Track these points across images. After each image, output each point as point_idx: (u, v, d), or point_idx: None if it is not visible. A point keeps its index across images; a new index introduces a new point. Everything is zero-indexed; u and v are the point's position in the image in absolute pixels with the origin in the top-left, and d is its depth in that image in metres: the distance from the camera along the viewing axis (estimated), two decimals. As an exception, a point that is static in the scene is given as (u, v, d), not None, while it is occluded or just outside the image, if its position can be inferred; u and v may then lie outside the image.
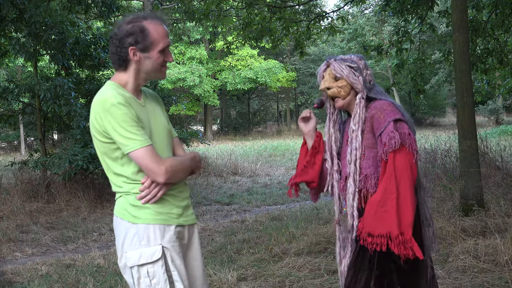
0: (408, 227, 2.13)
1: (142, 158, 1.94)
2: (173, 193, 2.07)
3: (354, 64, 2.38)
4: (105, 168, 2.08)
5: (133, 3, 21.39)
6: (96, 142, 2.04)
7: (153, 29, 2.02)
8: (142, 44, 2.00)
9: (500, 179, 7.05)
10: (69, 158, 7.89)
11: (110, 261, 5.04)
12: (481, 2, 8.94)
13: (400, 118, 2.24)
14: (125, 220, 2.02)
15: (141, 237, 1.98)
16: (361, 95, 2.35)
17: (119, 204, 2.06)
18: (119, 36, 2.02)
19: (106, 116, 1.93)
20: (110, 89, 2.00)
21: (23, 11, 8.21)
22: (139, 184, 2.00)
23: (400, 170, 2.16)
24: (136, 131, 1.94)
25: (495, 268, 4.03)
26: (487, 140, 8.49)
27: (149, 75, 2.08)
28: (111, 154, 2.01)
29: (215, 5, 8.85)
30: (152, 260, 1.97)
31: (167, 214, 2.04)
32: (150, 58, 2.03)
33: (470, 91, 5.73)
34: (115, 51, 2.04)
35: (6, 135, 27.44)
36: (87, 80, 9.48)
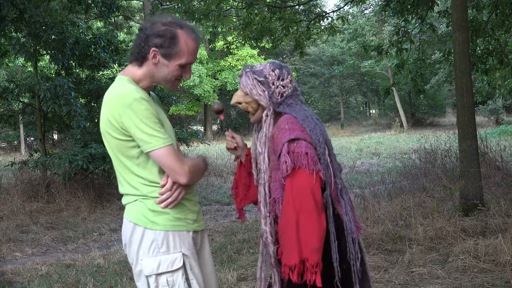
0: (313, 252, 2.00)
1: (165, 157, 1.83)
2: (188, 197, 1.98)
3: (262, 77, 2.21)
4: (119, 168, 1.95)
5: (133, 3, 21.38)
6: (110, 139, 1.91)
7: (184, 41, 1.93)
8: (166, 50, 1.91)
9: (500, 179, 7.05)
10: (69, 158, 7.89)
11: (110, 261, 5.04)
12: (481, 2, 8.94)
13: (297, 137, 2.07)
14: (141, 226, 1.89)
15: (160, 244, 1.87)
16: (266, 111, 2.20)
17: (134, 208, 1.93)
18: (148, 32, 1.93)
19: (126, 111, 1.81)
20: (128, 84, 1.90)
21: (23, 11, 8.21)
22: (158, 187, 1.89)
23: (298, 195, 2.02)
24: (159, 128, 1.84)
25: (495, 268, 4.03)
26: (487, 140, 8.49)
27: (160, 81, 1.99)
28: (127, 152, 1.89)
29: (215, 5, 8.86)
30: (173, 269, 1.87)
31: (185, 220, 1.95)
32: (168, 67, 1.94)
33: (470, 91, 5.73)
34: (138, 44, 1.95)
35: (6, 135, 27.45)
36: (87, 80, 9.48)
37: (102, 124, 1.92)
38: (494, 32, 8.82)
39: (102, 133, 1.94)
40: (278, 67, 2.26)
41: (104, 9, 9.22)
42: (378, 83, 35.10)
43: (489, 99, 27.67)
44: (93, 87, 9.33)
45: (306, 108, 2.26)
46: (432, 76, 30.84)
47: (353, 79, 39.18)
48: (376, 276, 4.07)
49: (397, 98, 30.63)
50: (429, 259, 4.34)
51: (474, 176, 5.62)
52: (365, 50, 9.67)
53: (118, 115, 1.83)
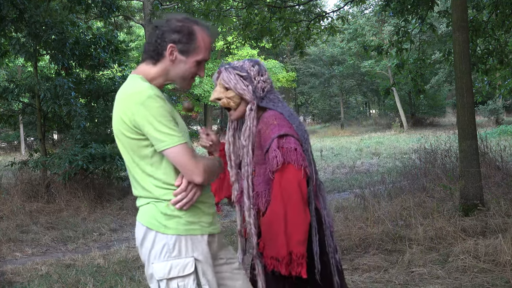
0: (299, 244, 2.08)
1: (179, 155, 1.78)
2: (203, 200, 1.92)
3: (244, 72, 2.27)
4: (132, 168, 1.89)
5: (133, 3, 21.38)
6: (123, 139, 1.86)
7: (201, 37, 1.90)
8: (184, 46, 1.88)
9: (500, 179, 7.05)
10: (69, 158, 7.89)
11: (110, 261, 5.04)
12: (481, 2, 8.94)
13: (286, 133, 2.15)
14: (153, 230, 1.86)
15: (171, 248, 1.83)
16: (251, 105, 2.25)
17: (146, 211, 1.89)
18: (164, 29, 1.89)
19: (140, 109, 1.77)
20: (141, 81, 1.85)
21: (23, 11, 8.21)
22: (171, 189, 1.84)
23: (287, 189, 2.09)
24: (173, 126, 1.79)
25: (495, 268, 4.03)
26: (487, 140, 8.49)
27: (176, 79, 1.94)
28: (140, 152, 1.84)
29: (215, 5, 8.85)
30: (184, 274, 1.82)
31: (199, 223, 1.89)
32: (185, 63, 1.90)
33: (470, 91, 5.73)
34: (153, 42, 1.90)
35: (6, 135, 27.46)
36: (87, 80, 9.48)
37: (115, 123, 1.87)
38: (494, 32, 8.82)
39: (115, 133, 1.90)
40: (257, 63, 2.32)
41: (104, 9, 9.22)
42: (378, 83, 35.10)
43: (489, 99, 27.66)
44: (93, 87, 9.34)
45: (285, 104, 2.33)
46: (432, 76, 30.83)
47: (353, 79, 39.18)
48: (376, 276, 4.07)
49: (397, 98, 30.62)
50: (429, 259, 4.34)
51: (474, 176, 5.62)
52: (365, 50, 9.67)
53: (131, 113, 1.79)
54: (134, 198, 7.08)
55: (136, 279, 4.37)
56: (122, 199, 8.63)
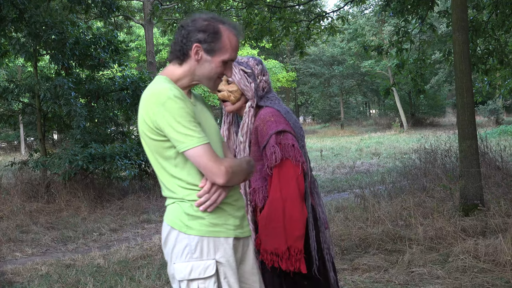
0: (297, 240, 2.11)
1: (200, 156, 1.76)
2: (229, 202, 1.88)
3: (248, 69, 2.29)
4: (157, 169, 1.88)
5: (133, 3, 21.38)
6: (147, 140, 1.85)
7: (226, 36, 1.87)
8: (210, 45, 1.85)
9: (500, 179, 7.05)
10: (69, 158, 7.89)
11: (110, 261, 5.04)
12: (481, 2, 8.94)
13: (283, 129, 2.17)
14: (176, 230, 1.84)
15: (193, 249, 1.81)
16: (251, 103, 2.27)
17: (171, 211, 1.88)
18: (189, 28, 1.86)
19: (160, 110, 1.76)
20: (163, 82, 1.85)
21: (23, 11, 8.21)
22: (196, 190, 1.82)
23: (285, 185, 2.11)
24: (194, 127, 1.77)
25: (495, 268, 4.03)
26: (487, 140, 8.48)
27: (202, 80, 1.91)
28: (164, 153, 1.83)
29: (215, 5, 8.86)
30: (205, 276, 1.80)
31: (223, 226, 1.85)
32: (211, 63, 1.87)
33: (470, 91, 5.73)
34: (179, 42, 1.88)
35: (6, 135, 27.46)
36: (87, 80, 9.48)
37: (139, 125, 1.86)
38: (494, 32, 8.82)
39: (140, 135, 1.89)
40: (260, 63, 2.34)
41: (104, 9, 9.22)
42: (378, 83, 35.11)
43: (489, 99, 27.67)
44: (93, 87, 9.34)
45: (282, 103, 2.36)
46: (432, 76, 30.84)
47: (353, 79, 39.19)
48: (376, 276, 4.07)
49: (397, 98, 30.63)
50: (429, 259, 4.34)
51: (474, 176, 5.62)
52: (365, 50, 9.66)
53: (152, 114, 1.78)
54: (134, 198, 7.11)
55: (136, 279, 4.37)
56: (122, 199, 8.63)
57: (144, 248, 5.58)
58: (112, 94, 9.56)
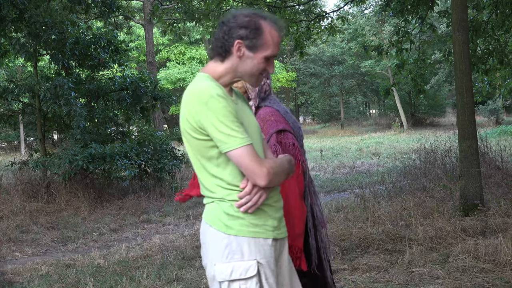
0: (297, 238, 2.13)
1: (242, 157, 1.73)
2: (269, 203, 1.85)
3: None
4: (197, 169, 1.86)
5: (133, 3, 21.38)
6: (189, 139, 1.84)
7: (268, 32, 1.84)
8: (252, 42, 1.82)
9: (500, 179, 7.05)
10: (69, 158, 7.89)
11: (110, 261, 5.04)
12: (481, 2, 8.94)
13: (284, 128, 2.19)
14: (215, 229, 1.82)
15: (234, 250, 1.78)
16: (253, 103, 2.29)
17: (210, 210, 1.86)
18: (231, 25, 1.84)
19: (203, 109, 1.74)
20: (206, 80, 1.82)
21: (23, 11, 8.21)
22: (236, 191, 1.80)
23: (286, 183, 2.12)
24: (236, 127, 1.74)
25: (495, 268, 4.03)
26: (487, 140, 8.48)
27: (244, 76, 1.88)
28: (206, 153, 1.81)
29: (215, 5, 8.85)
30: (246, 277, 1.77)
31: (263, 227, 1.82)
32: (253, 59, 1.84)
33: (470, 91, 5.73)
34: (220, 38, 1.85)
35: (6, 135, 27.47)
36: (87, 80, 9.48)
37: (182, 123, 1.84)
38: (494, 32, 8.81)
39: (182, 133, 1.87)
40: None
41: (104, 9, 9.22)
42: (378, 83, 35.10)
43: (489, 99, 27.67)
44: (93, 87, 9.34)
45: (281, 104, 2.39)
46: (432, 76, 30.84)
47: (353, 79, 39.19)
48: (376, 276, 4.07)
49: (397, 98, 30.62)
50: (429, 259, 4.34)
51: (474, 176, 5.62)
52: (365, 50, 9.66)
53: (195, 113, 1.76)
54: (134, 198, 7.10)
55: (136, 279, 4.37)
56: (122, 199, 8.63)
57: (144, 248, 5.58)
58: (112, 94, 9.57)
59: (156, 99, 9.89)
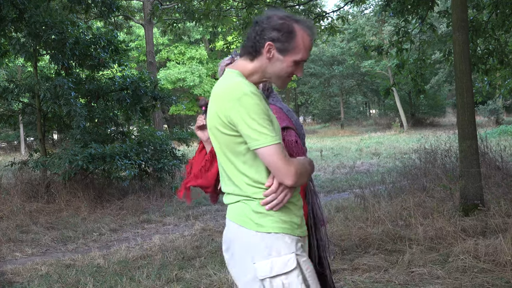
0: None
1: (271, 156, 1.73)
2: (293, 201, 1.88)
3: None
4: (225, 164, 1.87)
5: (133, 3, 21.38)
6: (217, 134, 1.84)
7: (301, 36, 1.84)
8: (283, 45, 1.82)
9: (500, 179, 7.05)
10: (69, 158, 7.89)
11: (110, 261, 5.04)
12: (481, 2, 8.94)
13: (287, 126, 2.20)
14: (246, 228, 1.81)
15: (270, 246, 1.79)
16: None
17: (237, 209, 1.85)
18: (264, 26, 1.84)
19: (235, 105, 1.74)
20: (237, 77, 1.83)
21: (23, 11, 8.21)
22: (263, 189, 1.80)
23: None
24: (268, 125, 1.75)
25: (495, 268, 4.03)
26: (487, 140, 8.48)
27: (271, 77, 1.89)
28: (235, 149, 1.81)
29: (215, 5, 8.86)
30: (287, 270, 1.78)
31: (290, 223, 1.84)
32: (283, 62, 1.84)
33: (470, 91, 5.73)
34: (252, 38, 1.86)
35: (6, 135, 27.48)
36: (87, 80, 9.49)
37: (210, 119, 1.86)
38: (494, 32, 8.81)
39: (209, 128, 1.88)
40: None
41: (104, 9, 9.22)
42: (378, 83, 35.10)
43: (489, 99, 27.67)
44: (93, 87, 9.34)
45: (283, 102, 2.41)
46: (432, 76, 30.85)
47: (353, 79, 39.20)
48: (376, 276, 4.07)
49: (397, 98, 30.63)
50: (429, 259, 4.34)
51: (474, 176, 5.62)
52: (365, 50, 9.65)
53: (226, 109, 1.77)
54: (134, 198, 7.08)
55: (136, 279, 4.37)
56: (122, 199, 8.63)
57: (144, 248, 5.58)
58: (112, 94, 9.57)
59: (156, 99, 9.89)
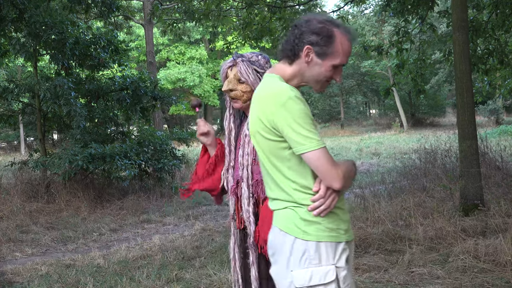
0: None
1: (318, 160, 1.71)
2: (340, 206, 1.84)
3: (261, 69, 2.31)
4: (270, 170, 1.84)
5: (133, 3, 21.37)
6: (260, 139, 1.82)
7: (340, 40, 1.82)
8: (322, 49, 1.80)
9: (500, 179, 7.05)
10: (69, 158, 7.89)
11: (110, 261, 5.04)
12: (481, 2, 8.94)
13: None
14: (292, 236, 1.79)
15: (312, 255, 1.77)
16: None
17: (284, 216, 1.83)
18: (303, 29, 1.82)
19: (280, 110, 1.73)
20: (280, 82, 1.81)
21: (23, 11, 8.21)
22: (310, 194, 1.78)
23: None
24: (313, 129, 1.73)
25: (495, 268, 4.03)
26: (487, 140, 8.48)
27: (309, 81, 1.88)
28: (279, 154, 1.79)
29: (215, 5, 8.86)
30: (325, 282, 1.76)
31: (337, 230, 1.82)
32: (321, 66, 1.83)
33: (470, 91, 5.73)
34: (291, 41, 1.84)
35: (6, 135, 27.47)
36: (87, 80, 9.48)
37: (252, 124, 1.83)
38: (494, 32, 8.81)
39: (251, 134, 1.87)
40: (268, 61, 2.37)
41: (104, 9, 9.22)
42: (378, 83, 35.09)
43: (489, 99, 27.66)
44: (93, 87, 9.34)
45: None
46: (432, 76, 30.84)
47: (353, 79, 39.19)
48: (376, 276, 4.07)
49: (397, 98, 30.62)
50: (429, 259, 4.34)
51: (474, 176, 5.62)
52: (365, 50, 9.65)
53: (270, 114, 1.75)
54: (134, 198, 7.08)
55: (136, 279, 4.37)
56: (122, 199, 8.63)
57: (144, 248, 5.58)
58: (112, 94, 9.57)
59: (156, 99, 9.89)
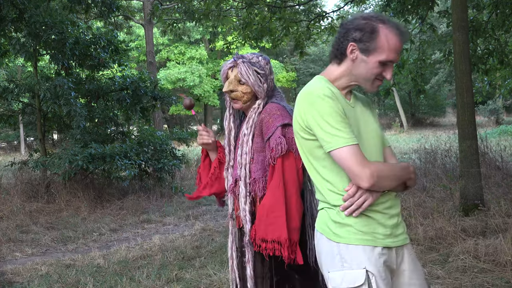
0: (295, 231, 2.16)
1: (345, 158, 1.69)
2: (379, 209, 1.79)
3: (261, 70, 2.34)
4: (310, 171, 1.86)
5: (133, 3, 21.37)
6: (300, 140, 1.84)
7: (384, 35, 1.77)
8: (365, 44, 1.78)
9: (500, 179, 7.05)
10: (69, 158, 7.89)
11: (110, 261, 5.04)
12: (481, 2, 8.94)
13: (289, 123, 2.22)
14: (325, 237, 1.81)
15: (343, 258, 1.76)
16: (261, 101, 2.34)
17: (320, 217, 1.85)
18: (348, 27, 1.82)
19: (310, 109, 1.75)
20: (318, 82, 1.84)
21: (23, 11, 8.21)
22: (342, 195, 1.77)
23: (287, 176, 2.17)
24: (342, 127, 1.71)
25: (495, 268, 4.03)
26: (487, 140, 8.49)
27: (359, 80, 1.85)
28: (315, 153, 1.80)
29: (215, 5, 8.86)
30: (355, 286, 1.74)
31: (372, 234, 1.77)
32: (367, 63, 1.80)
33: (470, 91, 5.73)
34: (338, 41, 1.86)
35: (6, 135, 27.46)
36: (87, 80, 9.48)
37: (294, 124, 1.87)
38: (494, 32, 8.81)
39: (294, 134, 1.90)
40: (268, 61, 2.40)
41: (104, 9, 9.22)
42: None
43: (489, 99, 27.66)
44: (93, 87, 9.34)
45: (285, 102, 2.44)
46: (432, 76, 30.82)
47: (353, 79, 39.15)
48: (376, 276, 4.06)
49: (397, 98, 30.62)
50: (429, 259, 4.34)
51: (474, 176, 5.62)
52: (365, 50, 9.64)
53: (303, 113, 1.78)
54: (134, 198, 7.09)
55: (136, 279, 4.37)
56: (122, 199, 8.63)
57: (144, 248, 5.58)
58: (112, 94, 9.56)
59: (156, 99, 9.89)
